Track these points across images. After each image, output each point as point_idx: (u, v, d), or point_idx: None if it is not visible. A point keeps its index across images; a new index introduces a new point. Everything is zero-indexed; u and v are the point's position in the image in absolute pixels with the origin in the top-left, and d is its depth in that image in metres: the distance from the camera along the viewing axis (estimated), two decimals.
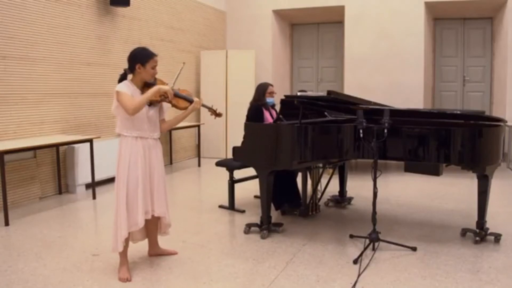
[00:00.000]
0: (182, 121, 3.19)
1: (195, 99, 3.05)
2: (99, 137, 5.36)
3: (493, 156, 3.36)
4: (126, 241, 2.90)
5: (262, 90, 4.39)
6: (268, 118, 4.35)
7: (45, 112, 4.98)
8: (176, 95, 2.99)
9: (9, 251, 3.34)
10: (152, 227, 3.15)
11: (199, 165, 7.26)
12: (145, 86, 2.93)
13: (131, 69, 2.87)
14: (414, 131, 3.39)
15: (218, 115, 3.27)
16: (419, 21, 7.49)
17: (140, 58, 2.84)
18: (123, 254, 2.91)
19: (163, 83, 2.99)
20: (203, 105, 3.16)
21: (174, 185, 5.92)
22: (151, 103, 2.93)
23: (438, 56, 8.27)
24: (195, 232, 3.82)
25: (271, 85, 4.46)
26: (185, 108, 3.01)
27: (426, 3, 7.43)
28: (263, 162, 3.63)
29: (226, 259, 3.21)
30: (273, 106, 4.48)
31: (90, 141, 4.95)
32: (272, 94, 4.41)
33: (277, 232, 3.74)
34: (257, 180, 3.79)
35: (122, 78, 2.92)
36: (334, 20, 8.58)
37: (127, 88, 2.82)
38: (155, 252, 3.24)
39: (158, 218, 3.09)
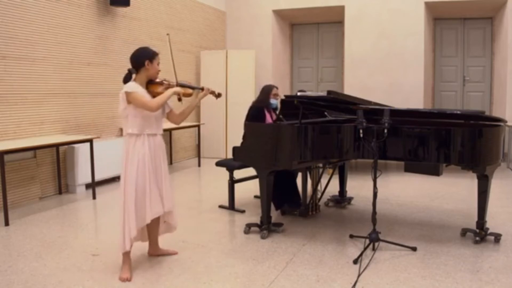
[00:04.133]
0: (181, 121, 3.20)
1: (202, 87, 3.18)
2: (99, 137, 5.37)
3: (493, 156, 3.35)
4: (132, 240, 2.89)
5: (267, 92, 4.43)
6: (269, 120, 4.35)
7: (45, 112, 4.98)
8: (182, 85, 3.09)
9: (9, 251, 3.34)
10: (153, 227, 3.14)
11: (199, 165, 7.26)
12: (148, 83, 2.99)
13: (137, 67, 2.94)
14: (414, 131, 3.38)
15: (218, 95, 3.31)
16: (419, 21, 7.49)
17: (148, 54, 2.95)
18: (127, 253, 2.90)
19: (165, 81, 3.06)
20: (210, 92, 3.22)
21: (174, 185, 5.92)
22: None
23: (438, 56, 8.27)
24: (195, 232, 3.82)
25: (276, 87, 4.50)
26: (191, 95, 3.10)
27: (426, 3, 7.43)
28: (263, 162, 3.63)
29: (226, 259, 3.21)
30: (275, 109, 4.49)
31: (90, 141, 4.95)
32: (276, 96, 4.44)
33: (277, 232, 3.74)
34: (257, 180, 3.79)
35: (127, 78, 2.95)
36: (334, 20, 8.58)
37: (137, 88, 2.87)
38: (155, 252, 3.24)
39: (158, 218, 3.09)
